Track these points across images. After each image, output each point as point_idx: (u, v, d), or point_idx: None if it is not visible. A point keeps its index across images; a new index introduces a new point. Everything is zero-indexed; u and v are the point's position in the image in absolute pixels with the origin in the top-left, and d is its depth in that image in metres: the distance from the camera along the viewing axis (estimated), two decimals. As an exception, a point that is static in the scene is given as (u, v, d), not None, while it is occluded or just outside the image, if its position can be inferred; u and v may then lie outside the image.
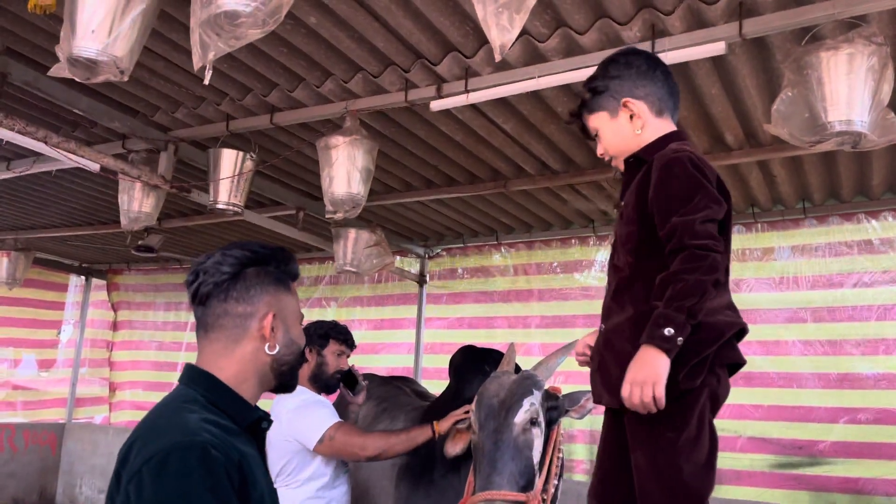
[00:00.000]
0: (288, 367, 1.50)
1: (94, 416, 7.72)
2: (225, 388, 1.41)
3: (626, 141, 1.93)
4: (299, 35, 2.79)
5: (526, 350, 5.15)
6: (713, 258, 1.64)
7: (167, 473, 1.19)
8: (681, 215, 1.68)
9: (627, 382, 1.66)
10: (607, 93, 1.94)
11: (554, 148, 3.75)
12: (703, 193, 1.72)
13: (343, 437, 2.78)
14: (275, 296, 1.48)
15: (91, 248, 6.70)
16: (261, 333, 1.44)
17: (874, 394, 4.23)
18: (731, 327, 1.75)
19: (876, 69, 2.27)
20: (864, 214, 4.33)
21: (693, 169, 1.75)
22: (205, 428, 1.28)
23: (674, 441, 1.69)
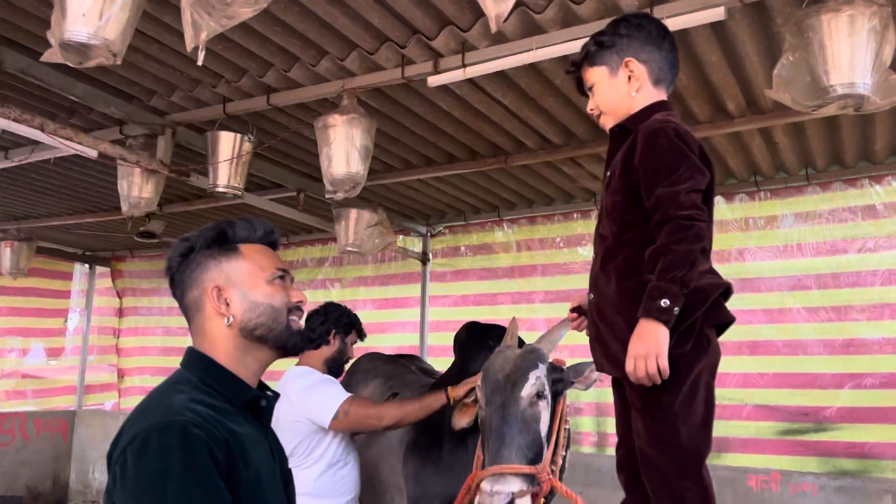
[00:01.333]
0: (266, 329, 1.46)
1: (104, 403, 7.78)
2: (219, 368, 1.42)
3: (620, 100, 1.94)
4: (293, 13, 2.75)
5: (530, 325, 5.16)
6: (698, 227, 1.67)
7: (147, 453, 1.21)
8: (665, 186, 1.71)
9: (631, 357, 1.69)
10: (613, 49, 1.94)
11: (554, 121, 3.72)
12: (686, 164, 1.74)
13: (358, 409, 2.81)
14: (217, 268, 1.47)
15: (94, 236, 6.71)
16: (216, 311, 1.44)
17: (880, 359, 4.23)
18: (716, 288, 1.78)
19: (877, 30, 2.23)
20: (867, 179, 4.30)
21: (677, 139, 1.76)
22: (189, 407, 1.29)
23: (669, 405, 1.73)
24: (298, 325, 1.52)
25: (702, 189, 1.75)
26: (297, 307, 1.52)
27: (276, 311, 1.47)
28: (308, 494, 2.90)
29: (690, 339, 1.73)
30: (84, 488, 7.12)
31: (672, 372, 1.72)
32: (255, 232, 1.53)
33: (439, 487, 3.01)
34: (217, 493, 1.23)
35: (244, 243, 1.51)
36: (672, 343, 1.69)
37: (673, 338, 1.69)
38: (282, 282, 1.51)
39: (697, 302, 1.74)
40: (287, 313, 1.49)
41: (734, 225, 4.72)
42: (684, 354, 1.73)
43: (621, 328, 1.80)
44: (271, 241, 1.57)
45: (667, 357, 1.65)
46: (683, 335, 1.72)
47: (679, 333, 1.71)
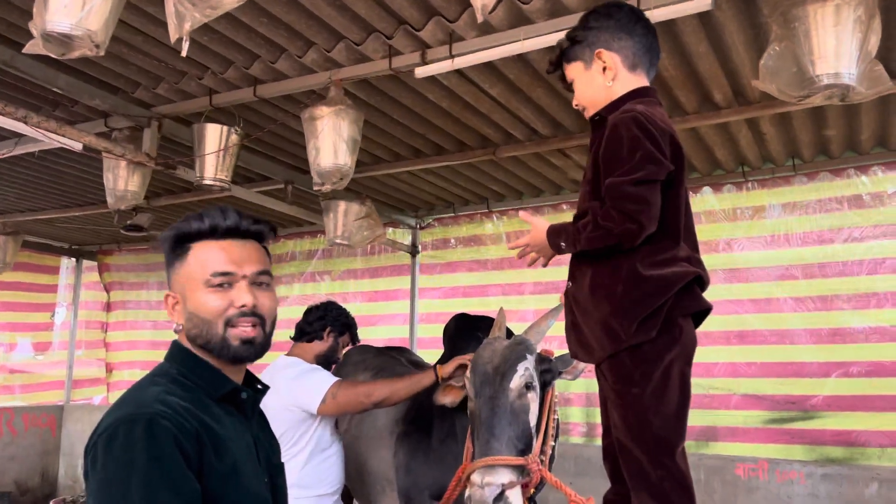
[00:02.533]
0: (204, 340, 1.38)
1: (92, 397, 7.74)
2: (197, 360, 1.41)
3: (598, 92, 1.94)
4: (279, 4, 2.73)
5: (520, 317, 5.17)
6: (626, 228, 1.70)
7: (114, 445, 1.23)
8: (616, 176, 1.73)
9: (529, 237, 1.95)
10: (584, 43, 1.95)
11: (542, 112, 3.72)
12: (641, 154, 1.73)
13: (346, 390, 2.83)
14: (173, 273, 1.44)
15: (80, 230, 6.65)
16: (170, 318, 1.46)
17: (866, 347, 4.27)
18: (681, 278, 1.78)
19: (863, 20, 2.24)
20: (853, 169, 4.33)
21: (636, 129, 1.75)
22: (160, 399, 1.29)
23: (639, 396, 1.75)
24: (244, 336, 1.38)
25: (656, 179, 1.74)
26: (242, 314, 1.37)
27: (206, 322, 1.37)
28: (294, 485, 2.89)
29: (655, 326, 1.74)
30: (73, 483, 7.09)
31: (640, 362, 1.74)
32: (203, 224, 1.40)
33: (429, 478, 3.02)
34: (183, 484, 1.23)
35: (197, 240, 1.40)
36: (634, 329, 1.73)
37: (634, 325, 1.74)
38: (220, 288, 1.37)
39: (657, 290, 1.75)
40: (224, 324, 1.37)
41: (722, 215, 4.74)
42: (651, 343, 1.74)
43: (595, 317, 1.82)
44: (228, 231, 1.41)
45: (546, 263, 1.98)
46: (645, 322, 1.74)
47: (641, 321, 1.73)
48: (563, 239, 1.84)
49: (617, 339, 1.76)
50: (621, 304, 1.76)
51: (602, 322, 1.80)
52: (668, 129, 1.82)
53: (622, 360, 1.77)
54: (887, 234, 4.27)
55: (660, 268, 1.76)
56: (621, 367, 1.77)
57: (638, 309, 1.74)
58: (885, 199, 4.30)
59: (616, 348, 1.76)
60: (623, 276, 1.77)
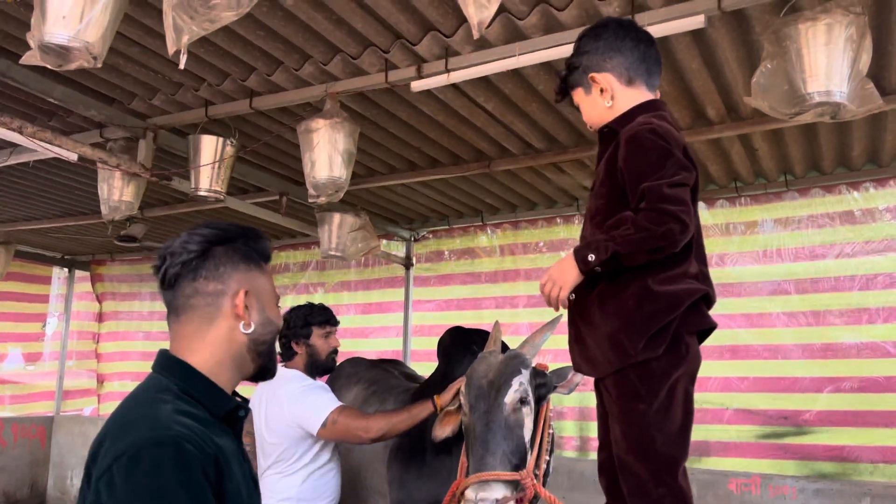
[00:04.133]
0: (266, 348, 1.45)
1: (83, 409, 7.69)
2: (199, 376, 1.36)
3: (601, 114, 1.96)
4: (276, 17, 2.75)
5: (514, 330, 5.17)
6: (669, 228, 1.67)
7: (138, 470, 1.15)
8: (651, 181, 1.71)
9: (547, 275, 1.83)
10: (580, 69, 1.98)
11: (536, 126, 3.74)
12: (672, 161, 1.75)
13: (346, 420, 2.78)
14: (246, 273, 1.43)
15: (73, 240, 6.63)
16: (234, 312, 1.39)
17: (858, 363, 4.29)
18: (691, 295, 1.77)
19: (854, 39, 2.27)
20: (845, 186, 4.36)
21: (658, 139, 1.77)
22: (178, 420, 1.23)
23: (644, 412, 1.73)
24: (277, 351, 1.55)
25: (689, 185, 1.76)
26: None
27: (276, 334, 1.50)
28: (293, 499, 2.88)
29: (663, 343, 1.73)
30: (62, 494, 7.03)
31: (647, 378, 1.73)
32: (269, 253, 1.53)
33: (423, 492, 3.00)
34: None
35: (263, 260, 1.50)
36: (641, 346, 1.72)
37: (642, 342, 1.72)
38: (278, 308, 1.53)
39: (668, 307, 1.74)
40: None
41: (715, 230, 4.77)
42: (658, 360, 1.73)
43: (602, 331, 1.81)
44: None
45: (567, 293, 1.81)
46: (654, 339, 1.73)
47: (650, 337, 1.72)
48: (592, 250, 1.74)
49: (625, 354, 1.74)
50: (631, 320, 1.75)
51: (610, 336, 1.79)
52: (682, 141, 1.85)
53: (628, 376, 1.75)
54: (879, 250, 4.30)
55: (670, 284, 1.75)
56: (627, 382, 1.75)
57: (648, 325, 1.72)
58: (876, 215, 4.33)
59: (623, 363, 1.75)
60: (634, 291, 1.76)
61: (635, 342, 1.72)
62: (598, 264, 1.73)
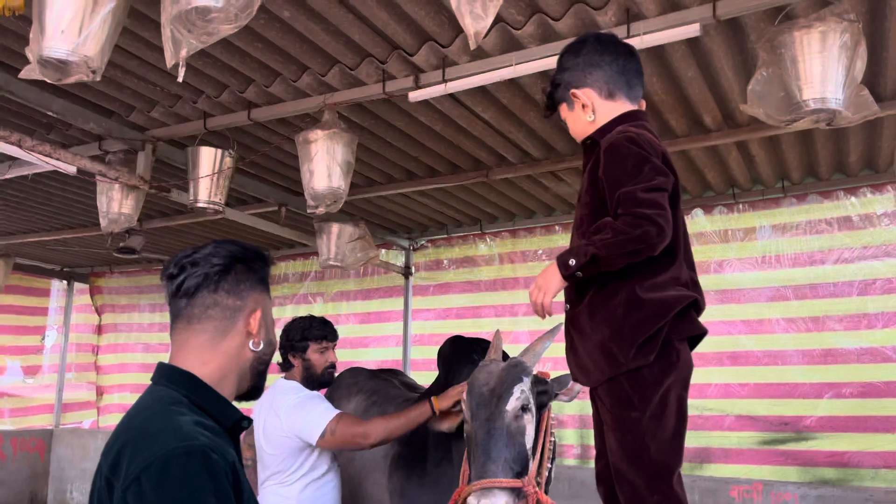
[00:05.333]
0: (265, 367, 1.52)
1: (82, 421, 7.66)
2: (207, 388, 1.39)
3: (584, 129, 1.99)
4: (274, 29, 2.76)
5: (514, 338, 5.17)
6: (645, 231, 1.68)
7: (169, 479, 1.17)
8: (627, 185, 1.74)
9: (534, 284, 1.86)
10: (562, 86, 2.01)
11: (534, 135, 3.76)
12: (648, 166, 1.77)
13: (344, 427, 2.78)
14: (260, 294, 1.50)
15: (72, 252, 6.63)
16: (247, 329, 1.45)
17: (858, 368, 4.28)
18: (679, 302, 1.78)
19: (849, 46, 2.29)
20: (842, 191, 4.37)
21: (634, 146, 1.80)
22: (200, 431, 1.26)
23: (637, 420, 1.74)
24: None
25: (666, 190, 1.77)
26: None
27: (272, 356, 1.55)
28: None
29: (653, 351, 1.73)
30: (61, 508, 7.00)
31: (639, 386, 1.74)
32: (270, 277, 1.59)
33: (424, 501, 3.00)
34: None
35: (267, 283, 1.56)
36: (632, 354, 1.73)
37: (632, 350, 1.73)
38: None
39: (656, 315, 1.75)
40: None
41: (713, 237, 4.78)
42: (649, 367, 1.73)
43: (593, 340, 1.82)
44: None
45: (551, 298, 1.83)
46: (644, 346, 1.73)
47: (640, 345, 1.73)
48: (573, 255, 1.76)
49: (615, 362, 1.75)
50: (620, 328, 1.76)
51: (601, 345, 1.80)
52: (661, 148, 1.86)
53: (620, 385, 1.76)
54: (877, 255, 4.31)
55: (658, 291, 1.77)
56: (619, 391, 1.76)
57: (637, 333, 1.73)
58: (874, 220, 4.33)
59: (614, 372, 1.76)
60: (622, 300, 1.77)
61: (625, 350, 1.73)
62: (579, 269, 1.75)
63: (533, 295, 1.84)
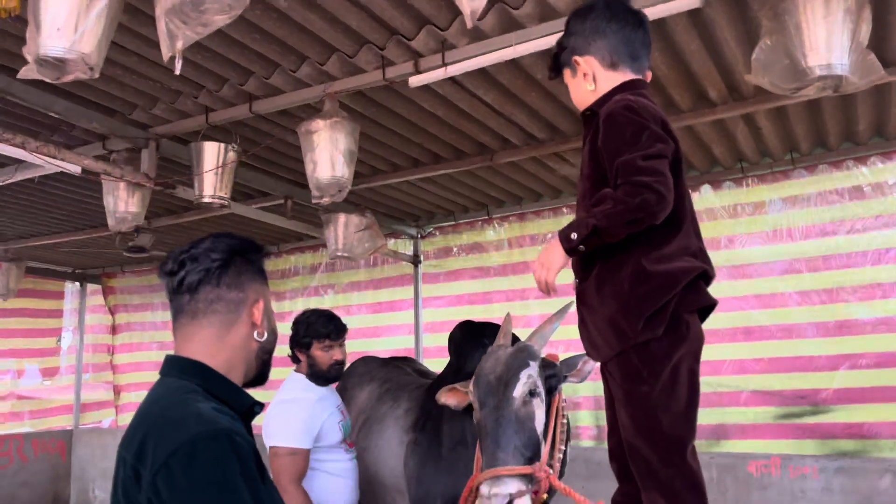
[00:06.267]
0: (269, 357, 1.54)
1: (101, 421, 7.75)
2: (219, 376, 1.42)
3: (584, 97, 1.97)
4: (270, 20, 2.74)
5: (525, 322, 5.15)
6: (644, 199, 1.65)
7: (198, 462, 1.20)
8: (625, 154, 1.72)
9: (537, 261, 1.83)
10: (567, 49, 1.98)
11: (537, 117, 3.73)
12: (647, 133, 1.74)
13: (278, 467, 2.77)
14: (260, 285, 1.53)
15: (83, 254, 6.67)
16: (251, 320, 1.47)
17: (873, 338, 4.25)
18: (688, 273, 1.76)
19: (853, 10, 2.25)
20: (852, 161, 4.31)
21: (631, 114, 1.77)
22: (220, 416, 1.30)
23: (648, 394, 1.73)
24: None
25: (666, 156, 1.74)
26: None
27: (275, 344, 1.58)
28: None
29: (662, 323, 1.72)
30: (85, 506, 7.09)
31: (648, 360, 1.73)
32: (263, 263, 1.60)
33: (441, 486, 3.01)
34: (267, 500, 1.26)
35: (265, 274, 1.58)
36: (641, 326, 1.71)
37: (640, 322, 1.71)
38: None
39: (664, 286, 1.73)
40: None
41: (722, 212, 4.73)
42: (658, 340, 1.72)
43: (601, 315, 1.81)
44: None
45: (555, 275, 1.79)
46: (654, 319, 1.72)
47: (648, 317, 1.72)
48: (574, 229, 1.74)
49: (624, 336, 1.74)
50: (628, 302, 1.74)
51: (609, 320, 1.78)
52: (660, 115, 1.83)
53: (629, 359, 1.75)
54: (889, 224, 4.26)
55: (665, 263, 1.75)
56: (629, 365, 1.75)
57: (644, 306, 1.72)
58: (885, 189, 4.28)
59: (623, 346, 1.75)
60: (629, 273, 1.75)
61: (633, 324, 1.72)
62: (581, 242, 1.72)
63: (537, 273, 1.82)
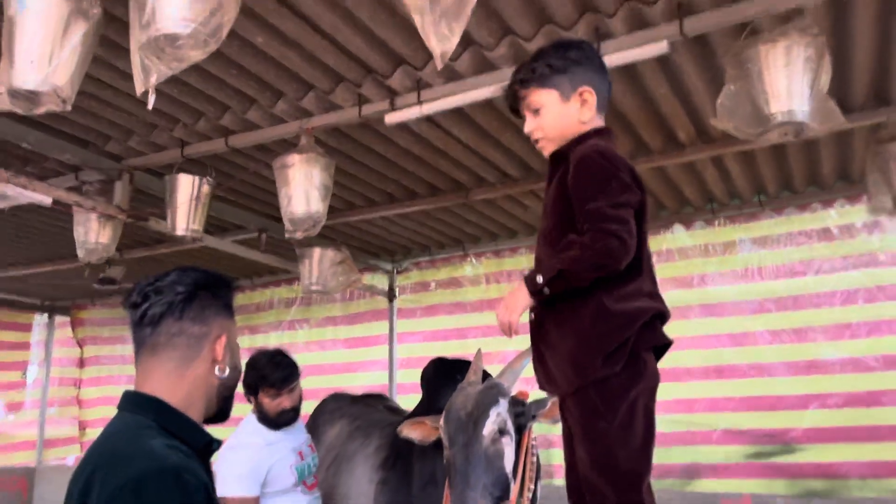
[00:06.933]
0: (230, 393, 1.52)
1: (65, 457, 7.52)
2: (175, 412, 1.39)
3: (570, 126, 1.93)
4: (248, 56, 2.77)
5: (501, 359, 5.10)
6: (606, 244, 1.71)
7: (143, 499, 1.18)
8: (594, 201, 1.76)
9: (501, 304, 1.86)
10: (566, 74, 1.92)
11: (512, 155, 3.78)
12: (616, 181, 1.79)
13: None
14: (225, 320, 1.50)
15: (53, 285, 6.56)
16: (213, 356, 1.45)
17: (842, 378, 4.30)
18: (645, 312, 1.80)
19: (813, 59, 2.33)
20: (818, 203, 4.41)
21: (603, 160, 1.82)
22: (171, 452, 1.28)
23: (606, 430, 1.74)
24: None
25: (631, 206, 1.79)
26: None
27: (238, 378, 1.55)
28: None
29: (620, 360, 1.75)
30: (44, 547, 6.85)
31: (607, 396, 1.74)
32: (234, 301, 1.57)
33: (409, 527, 2.96)
34: None
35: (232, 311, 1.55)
36: (601, 363, 1.74)
37: (600, 358, 1.74)
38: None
39: (623, 325, 1.77)
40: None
41: (694, 251, 4.80)
42: (616, 376, 1.74)
43: (560, 350, 1.83)
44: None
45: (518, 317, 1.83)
46: (612, 356, 1.75)
47: (608, 354, 1.74)
48: (540, 271, 1.78)
49: (583, 372, 1.76)
50: (588, 338, 1.77)
51: (569, 355, 1.80)
52: (629, 165, 1.88)
53: (588, 394, 1.77)
54: (857, 265, 4.34)
55: (625, 302, 1.78)
56: (587, 400, 1.76)
57: (605, 343, 1.75)
58: (852, 230, 4.37)
59: (582, 382, 1.77)
60: (590, 310, 1.78)
61: (593, 360, 1.74)
62: (546, 284, 1.76)
63: (500, 315, 1.84)
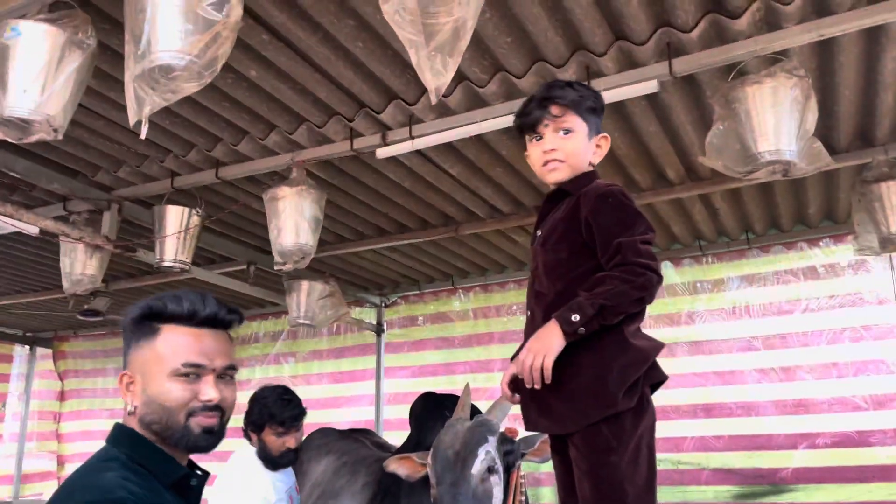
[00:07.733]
0: (160, 427, 1.34)
1: (42, 493, 7.33)
2: (148, 445, 1.36)
3: (583, 163, 1.99)
4: (241, 88, 2.79)
5: (490, 394, 5.09)
6: (648, 278, 1.73)
7: None
8: (626, 236, 1.78)
9: (527, 349, 1.75)
10: (598, 117, 2.01)
11: (502, 190, 3.80)
12: (641, 220, 1.84)
13: None
14: (135, 351, 1.39)
15: (35, 316, 6.47)
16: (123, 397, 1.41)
17: (830, 417, 4.29)
18: (656, 350, 1.84)
19: (799, 100, 2.37)
20: (804, 242, 4.46)
21: (627, 200, 1.88)
22: (122, 486, 1.24)
23: (617, 465, 1.73)
24: (205, 425, 1.36)
25: (654, 245, 1.85)
26: (205, 407, 1.35)
27: (167, 411, 1.34)
28: None
29: (636, 395, 1.76)
30: (17, 587, 6.63)
31: (619, 431, 1.73)
32: (180, 308, 1.36)
33: (395, 568, 2.89)
34: None
35: (170, 322, 1.37)
36: (621, 397, 1.73)
37: (622, 391, 1.73)
38: (187, 378, 1.35)
39: (641, 360, 1.78)
40: (187, 414, 1.34)
41: (683, 289, 4.82)
42: (631, 412, 1.75)
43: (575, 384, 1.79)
44: (206, 320, 1.39)
45: (552, 360, 1.70)
46: (629, 392, 1.75)
47: (626, 390, 1.74)
48: (575, 311, 1.70)
49: (605, 405, 1.74)
50: (612, 371, 1.76)
51: (587, 389, 1.77)
52: None
53: (600, 430, 1.74)
54: (844, 304, 4.37)
55: (640, 339, 1.82)
56: (598, 436, 1.74)
57: (627, 376, 1.75)
58: (838, 270, 4.41)
59: (603, 414, 1.74)
60: (615, 344, 1.78)
61: (617, 393, 1.73)
62: (584, 323, 1.70)
63: (528, 361, 1.72)
